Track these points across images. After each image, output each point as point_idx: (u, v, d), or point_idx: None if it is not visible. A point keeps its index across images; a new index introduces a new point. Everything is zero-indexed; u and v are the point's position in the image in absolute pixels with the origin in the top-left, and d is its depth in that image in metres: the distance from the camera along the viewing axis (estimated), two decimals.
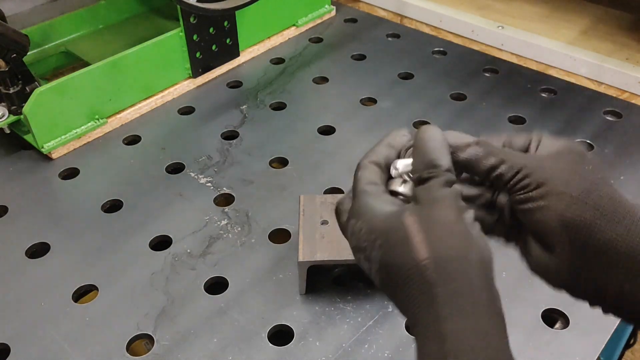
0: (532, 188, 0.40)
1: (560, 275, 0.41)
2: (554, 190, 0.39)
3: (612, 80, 1.09)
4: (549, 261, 0.41)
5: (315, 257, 0.66)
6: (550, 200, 0.39)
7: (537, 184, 0.40)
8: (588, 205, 0.39)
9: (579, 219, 0.39)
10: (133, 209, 0.83)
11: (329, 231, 0.68)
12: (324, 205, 0.72)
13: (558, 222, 0.39)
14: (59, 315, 0.69)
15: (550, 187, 0.40)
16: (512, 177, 0.41)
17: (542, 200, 0.40)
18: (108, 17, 1.16)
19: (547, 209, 0.39)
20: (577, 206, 0.39)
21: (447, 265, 0.37)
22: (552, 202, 0.39)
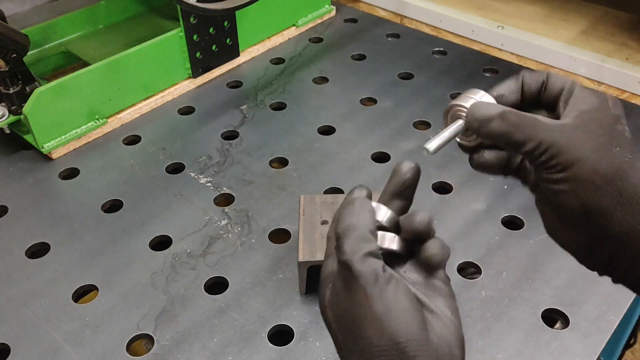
0: (559, 169, 0.40)
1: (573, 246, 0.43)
2: (580, 176, 0.39)
3: (612, 80, 1.09)
4: (565, 232, 0.43)
5: (315, 257, 0.66)
6: (575, 185, 0.39)
7: (564, 166, 0.39)
8: (611, 195, 0.39)
9: (600, 207, 0.39)
10: (133, 209, 0.83)
11: None
12: (324, 205, 0.72)
13: (579, 207, 0.40)
14: (59, 315, 0.69)
15: (577, 171, 0.39)
16: (539, 156, 0.40)
17: (567, 184, 0.39)
18: (108, 17, 1.16)
19: (570, 194, 0.40)
20: (599, 195, 0.39)
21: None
22: (576, 187, 0.39)
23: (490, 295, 0.70)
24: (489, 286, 0.71)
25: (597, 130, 0.40)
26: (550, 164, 0.40)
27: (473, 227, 0.78)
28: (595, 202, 0.39)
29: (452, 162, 0.88)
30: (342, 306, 0.39)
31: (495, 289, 0.70)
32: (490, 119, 0.41)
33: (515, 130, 0.40)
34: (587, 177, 0.39)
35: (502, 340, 0.65)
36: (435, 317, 0.39)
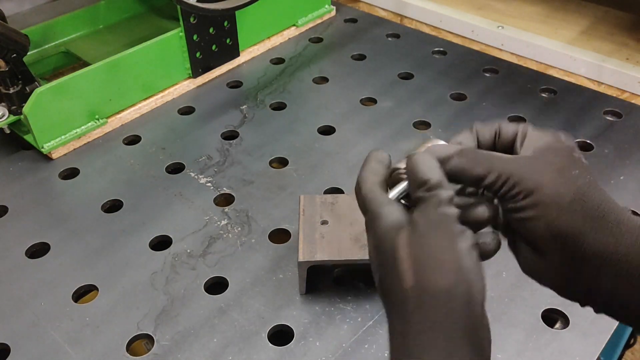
0: (522, 197, 0.40)
1: (550, 278, 0.42)
2: (543, 200, 0.40)
3: (612, 80, 1.09)
4: (540, 264, 0.42)
5: (315, 257, 0.66)
6: (539, 210, 0.40)
7: (526, 193, 0.40)
8: (577, 215, 0.39)
9: (568, 228, 0.39)
10: (133, 209, 0.83)
11: (329, 231, 0.68)
12: (324, 205, 0.72)
13: (548, 232, 0.40)
14: (59, 315, 0.69)
15: (539, 196, 0.40)
16: (500, 187, 0.41)
17: (532, 210, 0.40)
18: (108, 17, 1.16)
19: (536, 219, 0.40)
20: (566, 216, 0.39)
21: (429, 297, 0.37)
22: (541, 212, 0.40)
23: (490, 295, 0.69)
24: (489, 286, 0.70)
25: (555, 159, 0.41)
26: (513, 193, 0.40)
27: None
28: (562, 223, 0.39)
29: None
30: (426, 244, 0.39)
31: (495, 289, 0.70)
32: (449, 157, 0.42)
33: (475, 164, 0.41)
34: (550, 200, 0.39)
35: (502, 340, 0.65)
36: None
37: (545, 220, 0.40)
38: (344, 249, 0.66)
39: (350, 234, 0.68)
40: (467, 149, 0.43)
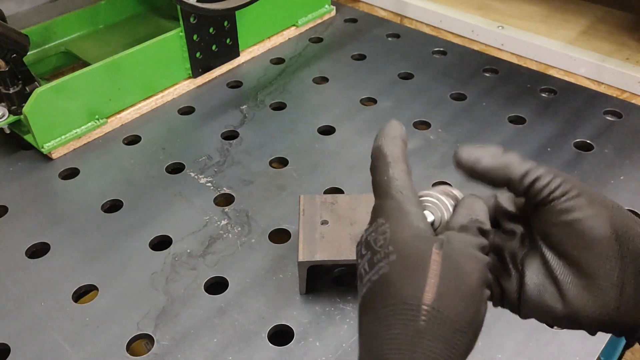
0: (575, 194, 0.36)
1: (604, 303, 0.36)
2: (596, 199, 0.36)
3: (612, 80, 1.09)
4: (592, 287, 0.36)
5: (315, 257, 0.66)
6: (595, 208, 0.36)
7: (579, 191, 0.36)
8: (629, 217, 0.36)
9: (627, 226, 0.35)
10: (133, 209, 0.83)
11: (329, 231, 0.68)
12: (324, 205, 0.72)
13: (610, 231, 0.35)
14: (59, 315, 0.69)
15: (592, 196, 0.36)
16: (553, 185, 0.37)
17: (590, 207, 0.35)
18: (108, 17, 1.16)
19: (597, 218, 0.35)
20: (621, 215, 0.36)
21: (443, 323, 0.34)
22: (598, 210, 0.35)
23: None
24: None
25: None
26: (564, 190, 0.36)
27: None
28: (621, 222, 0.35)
29: (452, 162, 0.88)
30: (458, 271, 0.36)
31: None
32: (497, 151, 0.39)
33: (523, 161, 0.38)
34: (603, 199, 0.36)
35: (502, 340, 0.65)
36: None
37: (606, 216, 0.35)
38: (344, 249, 0.66)
39: (350, 234, 0.68)
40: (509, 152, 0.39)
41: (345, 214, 0.70)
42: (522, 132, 0.94)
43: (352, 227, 0.69)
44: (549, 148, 0.90)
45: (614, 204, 0.36)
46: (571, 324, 0.37)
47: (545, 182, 0.36)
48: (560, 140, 0.92)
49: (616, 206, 0.36)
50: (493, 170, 0.38)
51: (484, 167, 0.38)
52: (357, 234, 0.68)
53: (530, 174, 0.37)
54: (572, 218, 0.36)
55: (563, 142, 0.91)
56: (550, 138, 0.92)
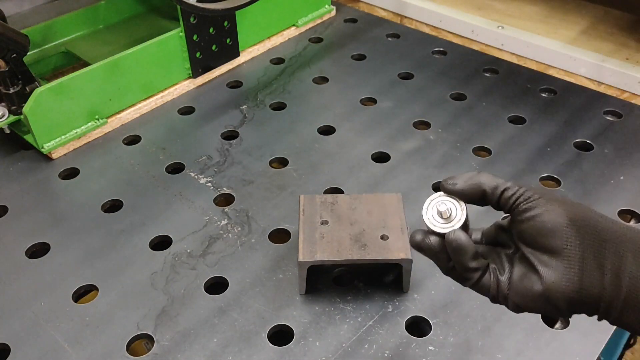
0: (536, 197, 0.45)
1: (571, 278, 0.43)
2: (554, 198, 0.45)
3: (612, 80, 1.09)
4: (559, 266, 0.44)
5: (315, 257, 0.66)
6: (552, 205, 0.44)
7: (539, 194, 0.45)
8: (586, 208, 0.45)
9: (583, 215, 0.44)
10: (133, 209, 0.83)
11: (328, 231, 0.68)
12: (324, 205, 0.72)
13: (565, 219, 0.44)
14: (59, 315, 0.69)
15: (550, 196, 0.45)
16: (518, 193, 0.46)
17: (547, 205, 0.45)
18: (108, 17, 1.16)
19: (552, 211, 0.44)
20: (577, 208, 0.45)
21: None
22: (555, 206, 0.44)
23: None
24: None
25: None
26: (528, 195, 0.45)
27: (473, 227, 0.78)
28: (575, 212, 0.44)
29: (452, 162, 0.88)
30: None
31: None
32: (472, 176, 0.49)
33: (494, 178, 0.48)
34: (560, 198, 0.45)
35: (502, 340, 0.65)
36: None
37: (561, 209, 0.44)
38: (344, 249, 0.66)
39: (350, 234, 0.68)
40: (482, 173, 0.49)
41: (345, 214, 0.70)
42: (522, 132, 0.94)
43: (352, 227, 0.69)
44: (549, 148, 0.90)
45: (570, 201, 0.45)
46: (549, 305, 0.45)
47: (511, 192, 0.46)
48: (560, 140, 0.92)
49: (574, 203, 0.45)
50: (468, 189, 0.48)
51: (461, 187, 0.48)
52: (357, 233, 0.68)
53: (499, 188, 0.47)
54: (533, 214, 0.45)
55: (563, 142, 0.91)
56: (550, 138, 0.92)
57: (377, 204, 0.72)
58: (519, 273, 0.46)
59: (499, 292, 0.47)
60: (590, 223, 0.43)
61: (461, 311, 0.68)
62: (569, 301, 0.44)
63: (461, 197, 0.49)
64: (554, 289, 0.44)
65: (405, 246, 0.67)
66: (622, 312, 0.43)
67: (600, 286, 0.43)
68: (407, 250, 0.66)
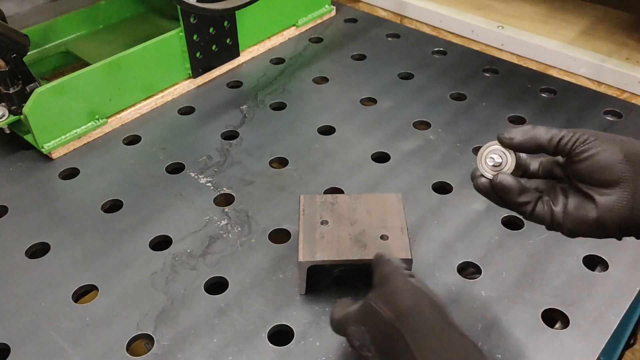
0: (592, 139, 0.50)
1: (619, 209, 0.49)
2: (607, 138, 0.50)
3: (612, 80, 1.09)
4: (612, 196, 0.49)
5: (315, 258, 0.66)
6: (607, 144, 0.49)
7: (594, 136, 0.50)
8: (637, 143, 0.50)
9: (635, 150, 0.49)
10: (133, 209, 0.83)
11: (329, 231, 0.68)
12: (324, 205, 0.72)
13: (620, 155, 0.49)
14: (59, 315, 0.69)
15: (604, 137, 0.50)
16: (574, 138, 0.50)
17: (602, 145, 0.49)
18: (108, 17, 1.16)
19: (607, 150, 0.49)
20: (630, 144, 0.50)
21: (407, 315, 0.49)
22: (609, 145, 0.49)
23: (490, 295, 0.70)
24: (489, 286, 0.71)
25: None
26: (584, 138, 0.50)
27: (473, 227, 0.78)
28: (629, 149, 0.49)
29: (452, 162, 0.88)
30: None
31: (495, 289, 0.70)
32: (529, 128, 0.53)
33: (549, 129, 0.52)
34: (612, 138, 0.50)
35: (502, 340, 0.65)
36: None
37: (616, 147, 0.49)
38: (344, 249, 0.66)
39: (350, 234, 0.68)
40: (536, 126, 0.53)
41: (345, 214, 0.70)
42: None
43: (352, 227, 0.69)
44: None
45: (623, 138, 0.50)
46: (602, 229, 0.50)
47: (567, 139, 0.50)
48: None
49: (626, 139, 0.50)
50: (525, 142, 0.52)
51: (518, 141, 0.53)
52: (357, 234, 0.68)
53: (554, 138, 0.51)
54: (590, 154, 0.50)
55: None
56: None
57: (377, 204, 0.72)
58: (574, 203, 0.51)
59: (554, 221, 0.52)
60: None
61: (461, 311, 0.68)
62: (621, 224, 0.49)
63: (518, 150, 0.53)
64: (608, 214, 0.49)
65: (405, 246, 0.66)
66: None
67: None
68: (407, 250, 0.66)
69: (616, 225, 0.49)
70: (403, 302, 0.50)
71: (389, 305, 0.50)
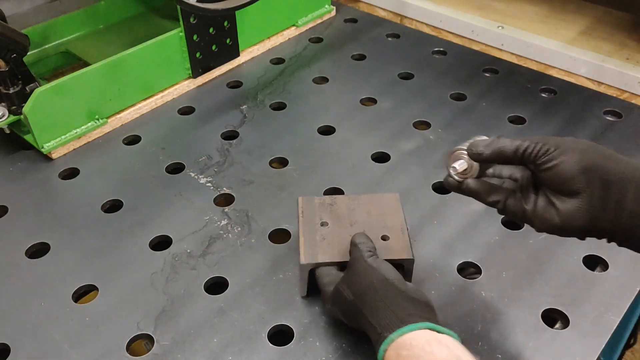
0: (553, 150, 0.53)
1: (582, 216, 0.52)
2: (568, 148, 0.52)
3: (612, 80, 1.09)
4: (573, 205, 0.52)
5: (318, 260, 0.66)
6: (568, 155, 0.52)
7: (555, 147, 0.53)
8: (596, 154, 0.52)
9: (593, 162, 0.51)
10: (133, 209, 0.83)
11: (329, 233, 0.68)
12: (322, 206, 0.72)
13: (578, 168, 0.51)
14: (59, 315, 0.69)
15: (565, 146, 0.52)
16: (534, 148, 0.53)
17: (563, 155, 0.52)
18: (108, 17, 1.16)
19: (567, 162, 0.52)
20: (588, 155, 0.52)
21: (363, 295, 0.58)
22: (569, 155, 0.52)
23: (490, 295, 0.70)
24: (489, 286, 0.71)
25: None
26: (545, 149, 0.53)
27: (473, 227, 0.78)
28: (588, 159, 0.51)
29: None
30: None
31: (495, 289, 0.70)
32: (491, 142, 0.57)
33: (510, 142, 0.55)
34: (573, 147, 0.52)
35: (502, 340, 0.65)
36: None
37: (574, 160, 0.51)
38: (345, 250, 0.66)
39: (351, 235, 0.67)
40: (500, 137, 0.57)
41: (345, 215, 0.70)
42: (522, 132, 0.94)
43: (352, 228, 0.68)
44: None
45: (583, 147, 0.52)
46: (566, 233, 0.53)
47: (530, 150, 0.54)
48: None
49: (588, 147, 0.53)
50: (492, 155, 0.56)
51: (486, 156, 0.56)
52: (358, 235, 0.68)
53: (519, 150, 0.54)
54: (550, 165, 0.52)
55: None
56: None
57: (375, 205, 0.72)
58: (542, 205, 0.54)
59: (525, 218, 0.56)
60: (598, 168, 0.51)
61: (461, 311, 0.68)
62: (581, 231, 0.53)
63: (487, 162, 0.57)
64: (568, 223, 0.52)
65: (406, 246, 0.66)
66: (624, 241, 0.52)
67: (605, 220, 0.51)
68: (409, 250, 0.66)
69: (577, 230, 0.53)
70: (361, 284, 0.58)
71: (350, 288, 0.59)
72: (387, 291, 0.57)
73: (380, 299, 0.56)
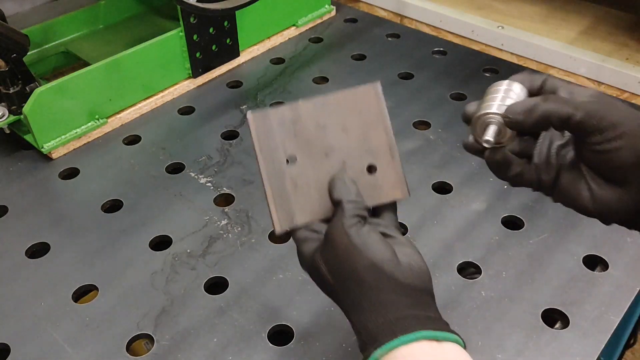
0: (609, 130, 0.44)
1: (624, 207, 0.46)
2: (627, 132, 0.43)
3: (612, 80, 1.09)
4: (615, 195, 0.45)
5: (295, 222, 0.51)
6: (625, 140, 0.43)
7: (613, 126, 0.44)
8: None
9: None
10: (133, 209, 0.83)
11: (300, 173, 0.51)
12: (283, 127, 0.51)
13: (633, 158, 0.43)
14: (59, 315, 0.69)
15: (624, 128, 0.44)
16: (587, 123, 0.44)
17: (619, 140, 0.44)
18: (108, 17, 1.16)
19: (623, 148, 0.44)
20: None
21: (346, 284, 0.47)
22: (627, 141, 0.43)
23: (490, 295, 0.70)
24: (489, 286, 0.71)
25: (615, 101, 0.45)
26: (600, 127, 0.44)
27: (473, 227, 0.78)
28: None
29: (452, 162, 0.88)
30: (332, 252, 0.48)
31: (495, 289, 0.70)
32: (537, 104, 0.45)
33: (562, 106, 0.44)
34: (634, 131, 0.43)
35: (502, 340, 0.65)
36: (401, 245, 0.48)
37: (632, 148, 0.43)
38: (327, 197, 0.50)
39: (330, 174, 0.51)
40: (549, 95, 0.47)
41: (315, 138, 0.51)
42: None
43: (328, 161, 0.51)
44: None
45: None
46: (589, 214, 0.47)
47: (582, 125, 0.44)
48: None
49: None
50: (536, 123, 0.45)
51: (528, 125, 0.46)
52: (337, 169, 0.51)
53: (571, 120, 0.44)
54: (602, 149, 0.44)
55: None
56: None
57: (351, 111, 0.52)
58: (568, 180, 0.47)
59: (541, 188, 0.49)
60: None
61: (461, 311, 0.68)
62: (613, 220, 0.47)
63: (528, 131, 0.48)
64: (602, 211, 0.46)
65: (399, 178, 0.52)
66: None
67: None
68: (403, 185, 0.53)
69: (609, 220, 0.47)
70: (342, 269, 0.47)
71: (329, 268, 0.48)
72: (375, 282, 0.45)
73: (365, 295, 0.45)
